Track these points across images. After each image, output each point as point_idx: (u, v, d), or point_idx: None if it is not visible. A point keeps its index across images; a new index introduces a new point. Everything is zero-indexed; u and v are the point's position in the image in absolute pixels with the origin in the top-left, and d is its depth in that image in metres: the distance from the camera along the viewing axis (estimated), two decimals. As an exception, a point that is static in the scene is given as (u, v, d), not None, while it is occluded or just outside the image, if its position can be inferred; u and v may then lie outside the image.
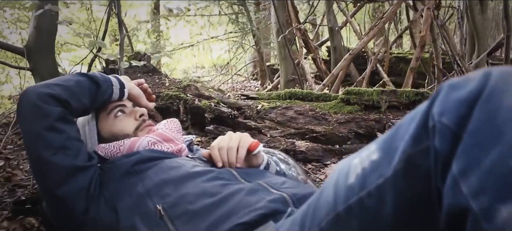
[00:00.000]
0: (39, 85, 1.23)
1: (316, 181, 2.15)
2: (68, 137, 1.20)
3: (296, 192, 1.05)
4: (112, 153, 1.33)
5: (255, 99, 3.25)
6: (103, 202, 1.19)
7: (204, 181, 1.10)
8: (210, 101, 3.08)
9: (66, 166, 1.17)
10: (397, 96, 2.42)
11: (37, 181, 1.29)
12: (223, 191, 1.05)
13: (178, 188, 1.09)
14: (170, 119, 1.53)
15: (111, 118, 1.41)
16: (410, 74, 4.09)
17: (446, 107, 0.57)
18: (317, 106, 2.75)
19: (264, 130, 2.82)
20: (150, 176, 1.17)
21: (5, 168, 2.27)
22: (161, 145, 1.34)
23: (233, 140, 1.29)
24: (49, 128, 1.17)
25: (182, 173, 1.14)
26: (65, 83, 1.25)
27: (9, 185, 2.03)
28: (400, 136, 0.65)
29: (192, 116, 3.12)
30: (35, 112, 1.17)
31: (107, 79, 1.37)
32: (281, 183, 1.12)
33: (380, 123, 2.38)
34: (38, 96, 1.17)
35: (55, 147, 1.17)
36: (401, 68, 7.33)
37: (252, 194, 1.03)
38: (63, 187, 1.17)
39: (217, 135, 2.87)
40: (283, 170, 1.43)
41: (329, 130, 2.54)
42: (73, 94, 1.25)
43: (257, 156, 1.33)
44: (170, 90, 3.27)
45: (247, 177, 1.16)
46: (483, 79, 0.55)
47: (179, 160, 1.26)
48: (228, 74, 10.21)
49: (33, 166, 1.27)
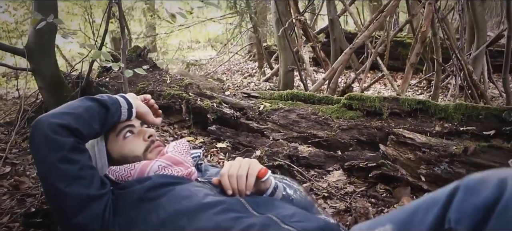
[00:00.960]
0: (50, 115, 1.24)
1: (319, 189, 2.18)
2: (81, 166, 1.22)
3: (305, 227, 1.08)
4: (123, 176, 1.35)
5: (256, 98, 3.27)
6: (117, 229, 1.22)
7: (216, 213, 1.12)
8: (212, 102, 3.10)
9: (80, 196, 1.18)
10: (399, 104, 2.44)
11: (52, 208, 1.30)
12: (236, 226, 1.08)
13: (191, 221, 1.11)
14: (178, 140, 1.55)
15: (120, 139, 1.43)
16: (410, 69, 4.09)
17: (463, 215, 0.59)
18: (319, 109, 2.76)
19: (267, 132, 2.84)
20: (163, 206, 1.19)
21: (12, 175, 2.29)
22: (171, 169, 1.36)
23: (242, 167, 1.30)
24: (62, 159, 1.18)
25: (194, 204, 1.16)
26: (75, 111, 1.26)
27: (17, 194, 2.04)
28: (416, 224, 0.67)
29: (194, 115, 3.14)
30: (47, 144, 1.18)
31: (115, 101, 1.38)
32: (290, 215, 1.14)
33: (382, 131, 2.40)
34: (49, 128, 1.18)
35: (69, 178, 1.18)
36: (399, 52, 7.35)
37: (264, 230, 1.06)
38: (78, 216, 1.18)
39: (220, 135, 2.90)
40: (290, 194, 1.46)
41: (332, 135, 2.57)
42: (83, 121, 1.26)
43: (266, 181, 1.35)
44: (172, 88, 3.28)
45: (257, 207, 1.19)
46: (499, 187, 0.58)
47: (190, 187, 1.27)
48: (225, 53, 10.16)
49: (48, 195, 1.28)
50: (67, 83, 3.05)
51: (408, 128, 2.30)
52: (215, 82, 5.32)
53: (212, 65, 9.90)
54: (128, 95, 1.48)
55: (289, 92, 3.11)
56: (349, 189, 2.18)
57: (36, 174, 2.41)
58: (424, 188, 1.93)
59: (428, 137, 2.13)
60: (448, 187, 0.65)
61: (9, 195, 2.04)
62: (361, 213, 1.88)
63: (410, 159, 1.97)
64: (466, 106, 2.22)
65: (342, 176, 2.30)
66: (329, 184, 2.25)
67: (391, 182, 2.11)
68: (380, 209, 1.95)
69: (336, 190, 2.18)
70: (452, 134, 2.19)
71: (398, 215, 0.72)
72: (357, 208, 1.91)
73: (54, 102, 2.93)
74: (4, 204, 1.95)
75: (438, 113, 2.31)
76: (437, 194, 0.66)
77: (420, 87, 6.84)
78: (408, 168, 1.99)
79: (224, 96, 3.21)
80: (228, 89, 5.31)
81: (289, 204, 1.34)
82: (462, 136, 2.15)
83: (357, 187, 2.19)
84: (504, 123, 2.06)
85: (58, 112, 1.25)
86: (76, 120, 1.24)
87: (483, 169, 1.58)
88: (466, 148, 1.78)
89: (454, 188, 0.63)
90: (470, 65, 5.03)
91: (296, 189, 1.45)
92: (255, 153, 2.57)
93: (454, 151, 1.80)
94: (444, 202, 0.63)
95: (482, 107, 2.19)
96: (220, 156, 2.67)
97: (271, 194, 1.35)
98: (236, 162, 1.33)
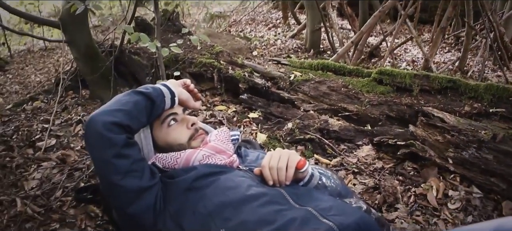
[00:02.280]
0: (102, 113, 1.32)
1: (349, 164, 2.28)
2: (134, 160, 1.32)
3: (342, 221, 1.19)
4: (170, 164, 1.46)
5: (287, 66, 3.33)
6: (168, 216, 1.35)
7: (259, 206, 1.24)
8: (244, 71, 3.17)
9: (134, 189, 1.29)
10: (430, 81, 2.47)
11: (109, 199, 1.40)
12: (279, 219, 1.19)
13: (237, 212, 1.23)
14: (220, 129, 1.65)
15: (164, 127, 1.52)
16: (440, 34, 4.07)
17: None
18: (350, 82, 2.82)
19: (297, 102, 2.93)
20: (209, 197, 1.30)
21: (58, 148, 2.44)
22: (214, 158, 1.47)
23: (282, 159, 1.39)
24: (116, 155, 1.28)
25: (239, 197, 1.28)
26: (125, 107, 1.35)
27: (65, 169, 2.19)
28: None
29: (226, 84, 3.24)
30: (102, 142, 1.27)
31: (159, 92, 1.46)
32: (328, 208, 1.25)
33: (412, 108, 2.46)
34: (103, 126, 1.27)
35: (123, 172, 1.28)
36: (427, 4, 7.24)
37: (304, 224, 1.18)
38: (133, 206, 1.30)
39: (251, 104, 3.00)
40: (325, 183, 1.56)
41: (362, 110, 2.64)
42: (133, 117, 1.36)
43: (303, 172, 1.46)
44: (203, 56, 3.35)
45: (297, 199, 1.30)
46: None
47: (234, 177, 1.38)
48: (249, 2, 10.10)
49: (105, 188, 1.38)
50: (100, 53, 3.15)
51: (438, 106, 2.36)
52: (242, 42, 5.37)
53: (236, 15, 9.87)
54: (169, 83, 1.55)
55: (320, 62, 3.15)
56: (378, 165, 2.27)
57: (69, 122, 2.55)
58: (450, 170, 2.02)
59: (457, 117, 2.18)
60: (485, 229, 0.73)
61: (58, 169, 2.20)
62: (390, 192, 1.98)
63: (438, 141, 2.04)
64: (497, 87, 2.24)
65: (371, 151, 2.39)
66: (358, 159, 2.34)
67: (419, 160, 2.20)
68: (408, 187, 2.05)
69: (365, 165, 2.27)
70: (481, 115, 2.24)
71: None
72: (386, 186, 2.01)
73: (89, 72, 3.06)
74: (55, 178, 2.11)
75: (468, 93, 2.34)
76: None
77: (448, 44, 6.74)
78: (436, 149, 2.06)
79: (255, 64, 3.27)
80: (255, 49, 5.37)
81: (325, 192, 1.45)
82: (491, 117, 2.20)
83: (386, 163, 2.28)
84: (534, 107, 2.10)
85: (110, 110, 1.33)
86: (127, 116, 1.33)
87: (511, 157, 1.65)
88: (495, 135, 1.84)
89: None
90: (502, 26, 4.93)
91: (330, 177, 1.55)
92: (286, 125, 2.67)
93: (483, 137, 1.86)
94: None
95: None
96: (253, 126, 2.77)
97: (307, 182, 1.45)
98: (276, 153, 1.42)
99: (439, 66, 5.25)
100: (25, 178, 2.07)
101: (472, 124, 2.09)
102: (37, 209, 1.81)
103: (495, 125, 2.16)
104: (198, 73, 3.31)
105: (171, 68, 3.16)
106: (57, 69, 5.38)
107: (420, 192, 1.98)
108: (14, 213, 1.78)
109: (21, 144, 2.46)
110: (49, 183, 2.03)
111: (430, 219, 1.81)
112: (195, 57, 3.35)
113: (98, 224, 1.78)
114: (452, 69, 5.11)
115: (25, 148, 2.40)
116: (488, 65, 5.25)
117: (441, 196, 1.94)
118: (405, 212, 1.86)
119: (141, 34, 2.14)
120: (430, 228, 1.75)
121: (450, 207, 1.86)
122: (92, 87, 3.13)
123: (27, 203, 1.81)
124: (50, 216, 1.80)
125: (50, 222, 1.76)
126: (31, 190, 1.97)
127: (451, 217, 1.81)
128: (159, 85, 1.50)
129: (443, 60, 5.72)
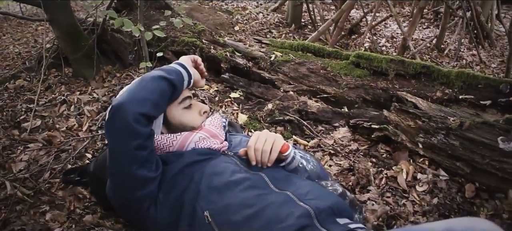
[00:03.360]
0: (132, 101, 1.34)
1: (326, 146, 2.39)
2: (150, 150, 1.39)
3: (318, 205, 1.30)
4: (165, 146, 1.53)
5: (268, 45, 3.39)
6: (159, 202, 1.44)
7: (242, 191, 1.34)
8: (225, 51, 3.23)
9: (142, 178, 1.36)
10: (405, 66, 2.58)
11: (114, 183, 1.44)
12: (258, 203, 1.30)
13: (221, 196, 1.33)
14: (213, 115, 1.73)
15: (181, 107, 1.59)
16: (419, 13, 4.16)
17: None
18: (329, 64, 2.91)
19: (278, 82, 3.01)
20: (197, 182, 1.39)
21: (43, 128, 2.48)
22: (209, 141, 1.56)
23: (267, 142, 1.48)
24: (138, 146, 1.33)
25: (223, 182, 1.37)
26: (152, 96, 1.38)
27: (52, 150, 2.25)
28: None
29: (208, 62, 3.29)
30: (128, 132, 1.32)
31: (180, 77, 1.50)
32: (306, 193, 1.36)
33: (387, 93, 2.57)
34: (133, 117, 1.31)
35: (140, 162, 1.35)
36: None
37: (282, 207, 1.28)
38: (137, 193, 1.38)
39: (233, 84, 3.08)
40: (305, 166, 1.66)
41: (339, 92, 2.74)
42: (159, 107, 1.43)
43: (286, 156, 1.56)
44: (186, 35, 3.39)
45: (277, 183, 1.40)
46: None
47: (220, 163, 1.47)
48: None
49: (113, 173, 1.42)
50: (83, 32, 3.16)
51: (411, 91, 2.48)
52: (224, 16, 5.37)
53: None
54: (184, 61, 1.59)
55: (300, 43, 3.23)
56: (353, 146, 2.39)
57: (54, 102, 2.56)
58: (420, 154, 2.15)
59: (429, 102, 2.30)
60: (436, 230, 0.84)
61: (45, 150, 2.25)
62: (363, 174, 2.11)
63: (410, 126, 2.16)
64: (467, 75, 2.37)
65: (347, 133, 2.50)
66: (335, 140, 2.45)
67: (392, 143, 2.32)
68: (380, 170, 2.17)
69: (341, 147, 2.39)
70: (451, 101, 2.37)
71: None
72: (359, 168, 2.14)
73: (72, 51, 3.07)
74: (42, 160, 2.17)
75: (440, 79, 2.46)
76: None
77: (427, 20, 6.86)
78: (408, 134, 2.18)
79: (236, 44, 3.32)
80: (237, 24, 5.39)
81: (304, 174, 1.56)
82: (460, 103, 2.33)
83: (361, 145, 2.40)
84: (500, 94, 2.23)
85: (139, 98, 1.35)
86: (154, 107, 1.39)
87: (475, 144, 1.78)
88: (462, 122, 1.96)
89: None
90: (479, 6, 5.06)
91: (310, 160, 1.65)
92: (267, 106, 2.76)
93: (451, 125, 1.99)
94: None
95: (482, 77, 2.33)
96: (234, 106, 2.85)
97: (288, 164, 1.55)
98: (262, 136, 1.51)
99: (417, 44, 5.37)
100: (12, 160, 2.13)
101: (442, 109, 2.21)
102: (26, 192, 1.88)
103: (464, 111, 2.29)
104: (181, 52, 3.35)
105: (154, 47, 3.19)
106: (36, 40, 5.33)
107: (391, 174, 2.11)
108: (4, 195, 1.84)
109: (6, 124, 2.49)
110: (37, 165, 2.09)
111: (399, 201, 1.95)
112: (177, 36, 3.39)
113: (86, 206, 1.86)
114: (429, 47, 5.25)
115: (11, 128, 2.44)
116: (464, 44, 5.40)
117: (411, 178, 2.07)
118: (377, 194, 1.99)
119: (125, 20, 2.17)
120: (398, 209, 1.88)
121: (418, 189, 2.00)
122: (75, 65, 3.14)
123: (17, 186, 1.87)
124: (39, 198, 1.87)
125: (40, 204, 1.83)
126: (19, 172, 2.03)
127: (419, 199, 1.94)
128: (178, 66, 1.55)
129: (421, 37, 5.85)
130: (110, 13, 2.14)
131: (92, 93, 2.88)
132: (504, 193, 1.90)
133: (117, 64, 3.31)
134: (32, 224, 1.70)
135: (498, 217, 1.82)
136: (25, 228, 1.66)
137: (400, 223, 1.77)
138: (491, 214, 1.84)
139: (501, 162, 1.82)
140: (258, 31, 5.24)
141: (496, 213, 1.84)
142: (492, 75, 4.48)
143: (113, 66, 3.28)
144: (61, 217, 1.76)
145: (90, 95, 2.83)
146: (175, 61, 1.59)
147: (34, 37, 5.56)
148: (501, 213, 1.84)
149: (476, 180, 1.97)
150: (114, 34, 3.28)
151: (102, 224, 1.74)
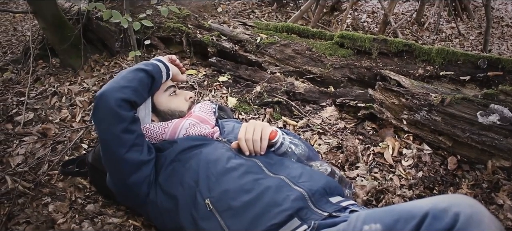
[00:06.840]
0: (113, 89, 1.46)
1: (314, 125, 2.47)
2: (137, 135, 1.50)
3: (311, 187, 1.39)
4: (158, 134, 1.64)
5: (253, 27, 3.43)
6: (159, 187, 1.53)
7: (239, 177, 1.42)
8: (211, 35, 3.27)
9: (135, 161, 1.47)
10: (387, 45, 2.66)
11: (110, 170, 1.56)
12: (256, 187, 1.38)
13: (219, 183, 1.42)
14: (203, 102, 1.82)
15: (166, 95, 1.74)
16: None
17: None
18: (313, 45, 2.98)
19: (264, 64, 3.07)
20: (195, 169, 1.48)
21: (36, 121, 2.51)
22: (199, 126, 1.66)
23: (256, 132, 1.57)
24: (124, 130, 1.45)
25: (220, 169, 1.46)
26: (131, 84, 1.51)
27: (47, 142, 2.29)
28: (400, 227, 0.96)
29: (195, 47, 3.33)
30: (113, 117, 1.43)
31: (157, 69, 1.64)
32: (299, 175, 1.45)
33: (371, 71, 2.66)
34: (115, 103, 1.43)
35: (128, 145, 1.46)
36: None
37: (278, 191, 1.37)
38: (132, 177, 1.48)
39: (221, 68, 3.13)
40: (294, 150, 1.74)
41: (325, 72, 2.82)
42: (139, 94, 1.53)
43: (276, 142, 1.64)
44: (171, 20, 3.41)
45: (271, 168, 1.49)
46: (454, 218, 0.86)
47: (215, 151, 1.55)
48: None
49: (107, 160, 1.53)
50: (68, 22, 3.15)
51: (394, 69, 2.57)
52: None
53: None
54: (162, 57, 1.73)
55: (284, 25, 3.28)
56: (340, 125, 2.48)
57: (45, 95, 2.60)
58: (405, 130, 2.25)
59: (411, 79, 2.40)
60: (423, 207, 0.92)
61: (40, 143, 2.29)
62: (351, 151, 2.20)
63: (394, 103, 2.26)
64: (447, 52, 2.47)
65: (334, 112, 2.59)
66: (322, 120, 2.54)
67: (377, 121, 2.42)
68: (367, 146, 2.27)
69: (329, 126, 2.47)
70: (432, 77, 2.47)
71: (385, 218, 1.00)
72: (347, 146, 2.23)
73: (58, 41, 3.08)
74: (39, 153, 2.21)
75: (422, 56, 2.56)
76: (415, 210, 0.93)
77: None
78: (393, 111, 2.28)
79: (222, 28, 3.36)
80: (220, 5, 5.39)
81: (293, 158, 1.65)
82: (441, 79, 2.44)
83: (348, 123, 2.49)
84: (478, 69, 2.34)
85: (119, 86, 1.48)
86: (134, 93, 1.50)
87: (456, 119, 1.89)
88: (443, 99, 2.06)
89: (426, 211, 0.91)
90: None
91: (298, 144, 1.74)
92: (255, 88, 2.83)
93: (433, 101, 2.09)
94: (418, 221, 0.91)
95: (461, 53, 2.44)
96: (223, 90, 2.91)
97: (278, 148, 1.63)
98: (250, 126, 1.59)
99: (398, 18, 5.47)
100: (9, 155, 2.16)
101: (424, 86, 2.31)
102: (27, 185, 1.93)
103: (445, 87, 2.40)
104: (167, 38, 3.38)
105: (140, 34, 3.21)
106: (15, 28, 5.26)
107: (378, 150, 2.21)
108: (5, 190, 1.89)
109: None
110: (34, 158, 2.14)
111: (387, 175, 2.05)
112: (163, 22, 3.41)
113: (87, 195, 1.92)
114: (410, 21, 5.35)
115: (4, 123, 2.47)
116: (444, 17, 5.51)
117: (396, 154, 2.17)
118: (365, 170, 2.09)
119: (113, 11, 2.20)
120: (386, 183, 1.99)
121: (404, 164, 2.11)
122: (62, 56, 3.15)
123: (17, 180, 1.92)
124: (40, 190, 1.92)
125: (41, 197, 1.88)
126: (17, 166, 2.07)
127: (405, 173, 2.05)
128: (156, 61, 1.67)
129: (401, 11, 5.94)
130: (98, 5, 2.16)
131: (82, 83, 2.90)
132: (483, 164, 2.02)
133: (104, 52, 3.32)
134: (36, 216, 1.76)
135: (479, 186, 1.95)
136: (30, 220, 1.72)
137: (388, 197, 1.87)
138: (472, 184, 1.96)
139: (480, 135, 1.94)
140: (241, 11, 5.25)
141: (477, 183, 1.97)
142: (471, 48, 4.63)
143: (101, 55, 3.29)
144: (63, 207, 1.82)
145: (80, 86, 2.86)
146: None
147: (12, 26, 5.48)
148: (481, 183, 1.96)
149: (458, 153, 2.09)
150: (99, 22, 3.28)
151: (104, 212, 1.80)
